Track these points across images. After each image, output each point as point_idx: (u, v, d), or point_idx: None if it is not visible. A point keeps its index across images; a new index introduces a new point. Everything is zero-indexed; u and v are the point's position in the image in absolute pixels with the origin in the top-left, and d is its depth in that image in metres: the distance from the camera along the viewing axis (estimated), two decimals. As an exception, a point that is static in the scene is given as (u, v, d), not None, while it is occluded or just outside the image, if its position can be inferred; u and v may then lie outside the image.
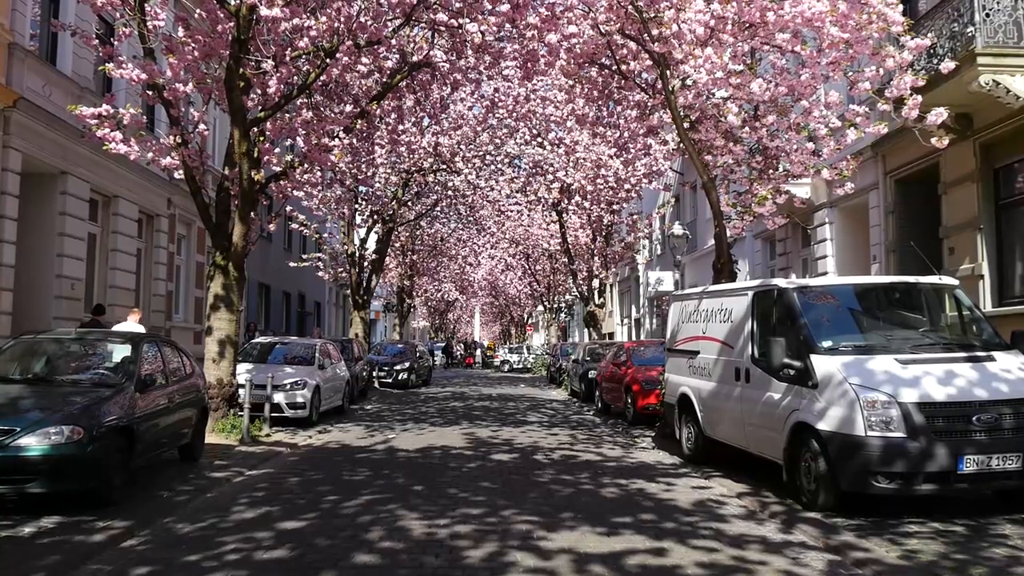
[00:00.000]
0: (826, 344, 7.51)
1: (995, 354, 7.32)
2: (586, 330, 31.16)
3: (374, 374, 25.12)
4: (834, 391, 7.02)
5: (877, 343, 7.63)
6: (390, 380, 26.11)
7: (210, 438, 10.67)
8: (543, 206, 27.62)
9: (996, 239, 11.93)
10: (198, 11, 11.48)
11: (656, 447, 11.89)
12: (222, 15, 10.59)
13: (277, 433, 12.62)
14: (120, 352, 8.64)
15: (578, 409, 19.23)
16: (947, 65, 9.85)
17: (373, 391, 23.67)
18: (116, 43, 11.42)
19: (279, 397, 13.63)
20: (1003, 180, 12.02)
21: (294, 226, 23.09)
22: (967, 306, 8.26)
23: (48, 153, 13.28)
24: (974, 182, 12.10)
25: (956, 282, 8.71)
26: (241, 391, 11.93)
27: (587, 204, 24.29)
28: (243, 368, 13.37)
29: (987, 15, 10.61)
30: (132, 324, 12.85)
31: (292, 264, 26.37)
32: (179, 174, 11.83)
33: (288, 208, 20.53)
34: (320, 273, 26.18)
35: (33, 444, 6.56)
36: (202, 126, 11.58)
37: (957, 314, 8.35)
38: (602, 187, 22.52)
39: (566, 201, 25.00)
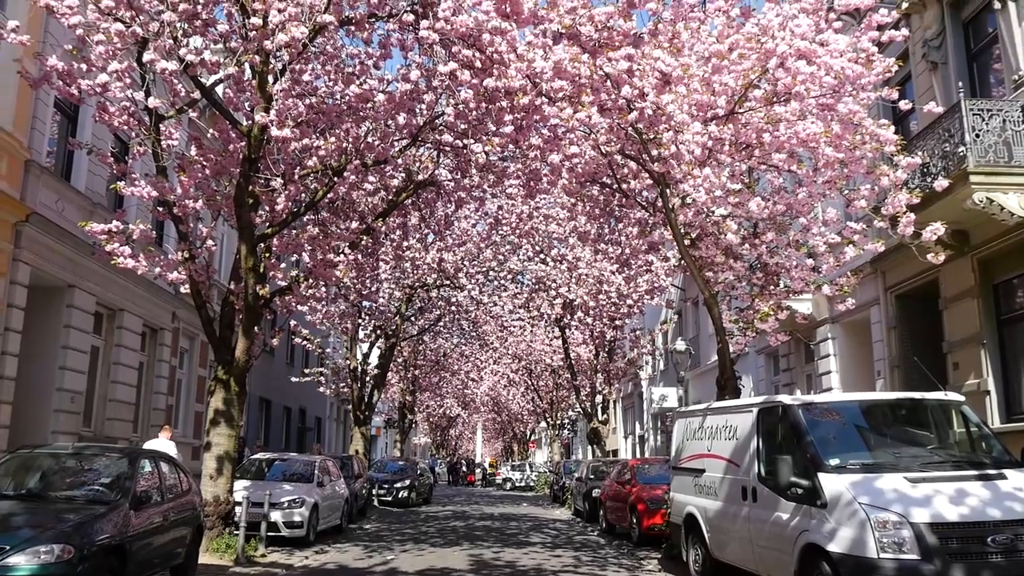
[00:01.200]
0: (833, 462, 7.38)
1: (1006, 472, 7.18)
2: (589, 447, 30.70)
3: (374, 492, 24.62)
4: (844, 511, 6.86)
5: (885, 461, 7.50)
6: (390, 498, 25.56)
7: (204, 558, 10.35)
8: (546, 322, 27.71)
9: (1000, 354, 11.90)
10: (211, 131, 11.85)
11: (662, 569, 11.52)
12: (234, 135, 10.92)
13: (273, 553, 12.26)
14: (117, 468, 8.51)
15: (582, 529, 18.74)
16: (941, 183, 10.07)
17: (373, 509, 23.14)
18: (130, 161, 11.74)
19: (276, 515, 13.31)
20: (1003, 295, 12.09)
21: (297, 341, 23.11)
22: (975, 423, 8.16)
23: (57, 267, 13.45)
24: (974, 298, 12.17)
25: (962, 398, 8.63)
26: (237, 509, 11.66)
27: (589, 320, 24.37)
28: (240, 485, 13.12)
29: (977, 136, 10.92)
30: (163, 442, 12.73)
31: (294, 379, 26.27)
32: (185, 288, 11.94)
33: (291, 323, 20.61)
34: (321, 388, 26.04)
35: (22, 563, 6.39)
36: (210, 241, 11.77)
37: (965, 431, 8.24)
38: (604, 303, 22.65)
39: (568, 317, 25.10)
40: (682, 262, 13.06)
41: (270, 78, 9.93)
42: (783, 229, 11.25)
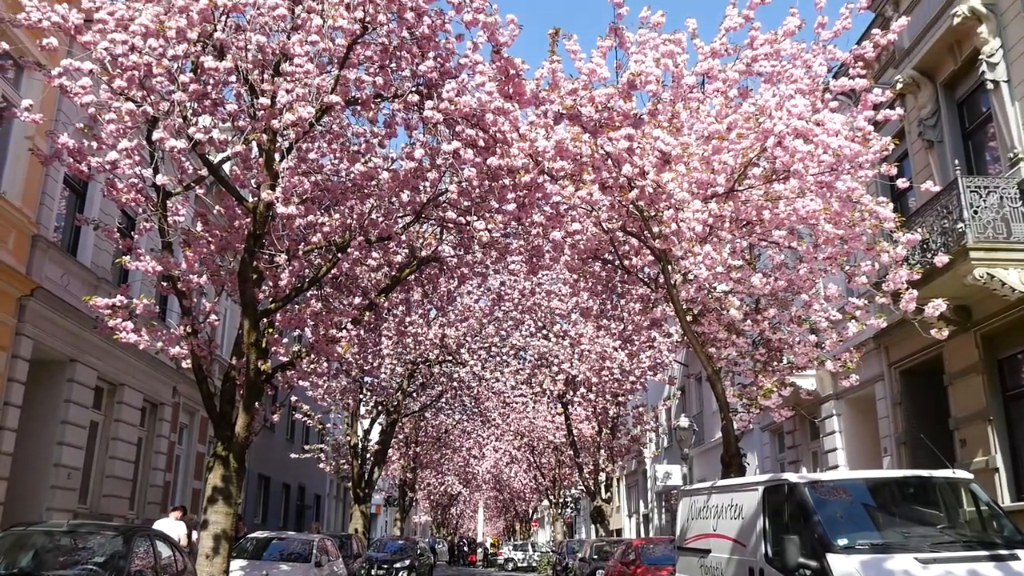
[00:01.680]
0: (842, 542, 7.23)
1: (1019, 552, 7.03)
2: (593, 526, 30.14)
3: (372, 572, 24.08)
4: (854, 592, 6.69)
5: (895, 541, 7.35)
6: (389, 579, 25.01)
7: (197, 641, 10.08)
8: (548, 398, 27.53)
9: (1008, 431, 11.78)
10: (217, 207, 11.99)
11: (669, 654, 11.18)
12: (240, 211, 11.04)
13: (268, 636, 11.95)
14: (111, 547, 8.37)
15: (586, 612, 18.26)
16: (941, 259, 10.14)
17: (371, 590, 22.60)
18: (136, 236, 11.85)
19: (272, 596, 13.02)
20: (1008, 371, 12.03)
21: (298, 416, 22.94)
22: (984, 501, 8.02)
23: (59, 341, 13.46)
24: (979, 373, 12.11)
25: (971, 476, 8.51)
26: (233, 589, 11.41)
27: (592, 396, 24.22)
28: (237, 565, 12.84)
29: (975, 212, 11.04)
30: (171, 522, 12.52)
31: (293, 455, 25.96)
32: (187, 363, 11.90)
33: (292, 398, 20.47)
34: (321, 465, 25.72)
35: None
36: (213, 316, 11.78)
37: (975, 509, 8.10)
38: (607, 379, 22.55)
39: (571, 393, 24.95)
40: (685, 338, 13.04)
41: (277, 156, 10.09)
42: (785, 305, 11.27)
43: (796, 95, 9.46)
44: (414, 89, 9.50)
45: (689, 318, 11.67)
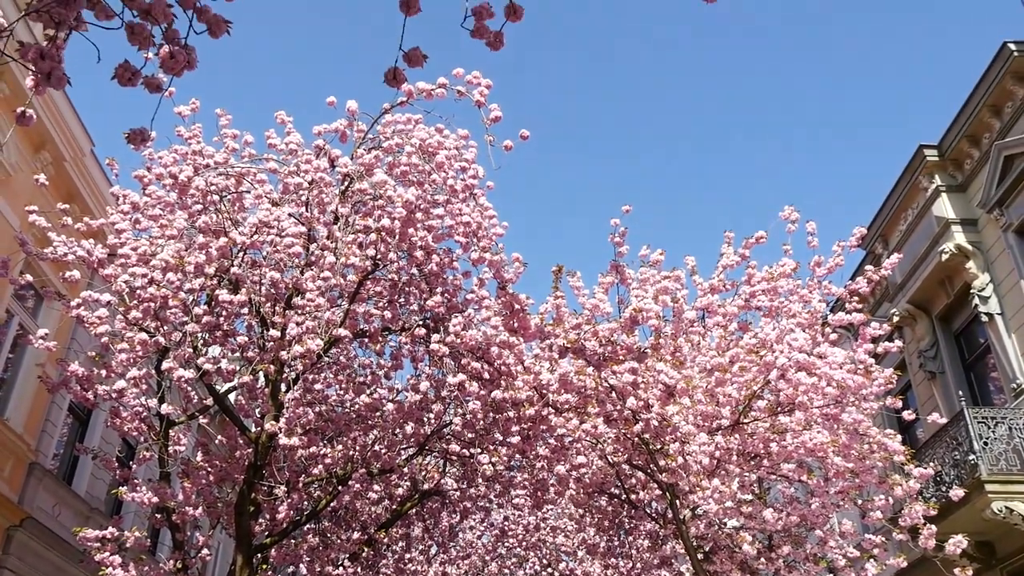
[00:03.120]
0: None
1: None
2: None
3: None
4: None
5: None
6: None
7: None
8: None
9: None
10: (219, 437, 11.91)
11: None
12: (242, 441, 10.95)
13: None
14: None
15: None
16: (956, 492, 9.89)
17: None
18: (135, 466, 11.68)
19: None
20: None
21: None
22: None
23: (42, 574, 12.87)
24: (1010, 617, 11.45)
25: None
26: None
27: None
28: None
29: (985, 443, 10.91)
30: None
31: None
32: (174, 602, 11.32)
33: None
34: None
35: None
36: (205, 551, 11.35)
37: None
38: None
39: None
40: (696, 576, 12.46)
41: (283, 386, 10.16)
42: (799, 542, 10.86)
43: (796, 329, 9.64)
44: (421, 323, 9.73)
45: (700, 556, 11.20)
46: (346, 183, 9.28)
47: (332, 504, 11.26)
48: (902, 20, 44.25)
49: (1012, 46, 12.38)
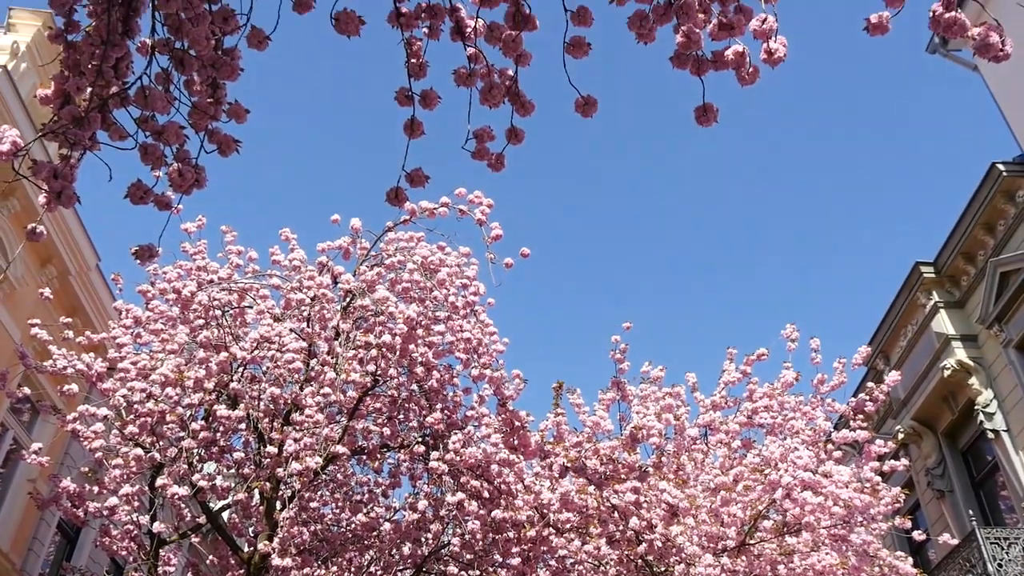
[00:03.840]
0: None
1: None
2: None
3: None
4: None
5: None
6: None
7: None
8: None
9: None
10: (210, 557, 11.57)
11: None
12: (234, 562, 10.63)
13: None
14: None
15: None
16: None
17: None
18: (122, 589, 11.33)
19: None
20: None
21: None
22: None
23: None
24: None
25: None
26: None
27: None
28: None
29: (999, 565, 10.60)
30: None
31: None
32: None
33: None
34: None
35: None
36: None
37: None
38: None
39: None
40: None
41: (278, 504, 9.94)
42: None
43: (800, 447, 9.52)
44: (420, 440, 9.62)
45: None
46: (348, 299, 9.35)
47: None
48: (893, 140, 45.61)
49: (1001, 166, 12.70)
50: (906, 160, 45.33)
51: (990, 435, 12.75)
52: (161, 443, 9.22)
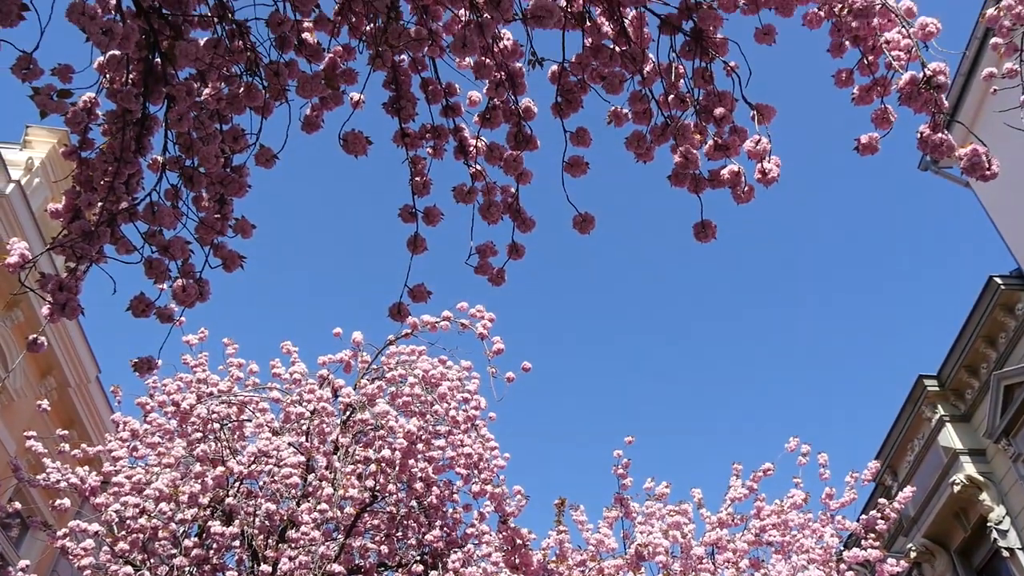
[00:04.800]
0: None
1: None
2: None
3: None
4: None
5: None
6: None
7: None
8: None
9: None
10: None
11: None
12: None
13: None
14: None
15: None
16: None
17: None
18: None
19: None
20: None
21: None
22: None
23: None
24: None
25: None
26: None
27: None
28: None
29: None
30: None
31: None
32: None
33: None
34: None
35: None
36: None
37: None
38: None
39: None
40: None
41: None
42: None
43: (810, 566, 9.26)
44: (419, 559, 9.36)
45: None
46: (348, 413, 9.28)
47: None
48: (891, 253, 46.17)
49: (998, 280, 12.80)
50: (905, 272, 45.77)
51: (1005, 553, 12.38)
52: (152, 560, 8.98)
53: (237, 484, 9.13)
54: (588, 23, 3.37)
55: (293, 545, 8.69)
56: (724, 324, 50.56)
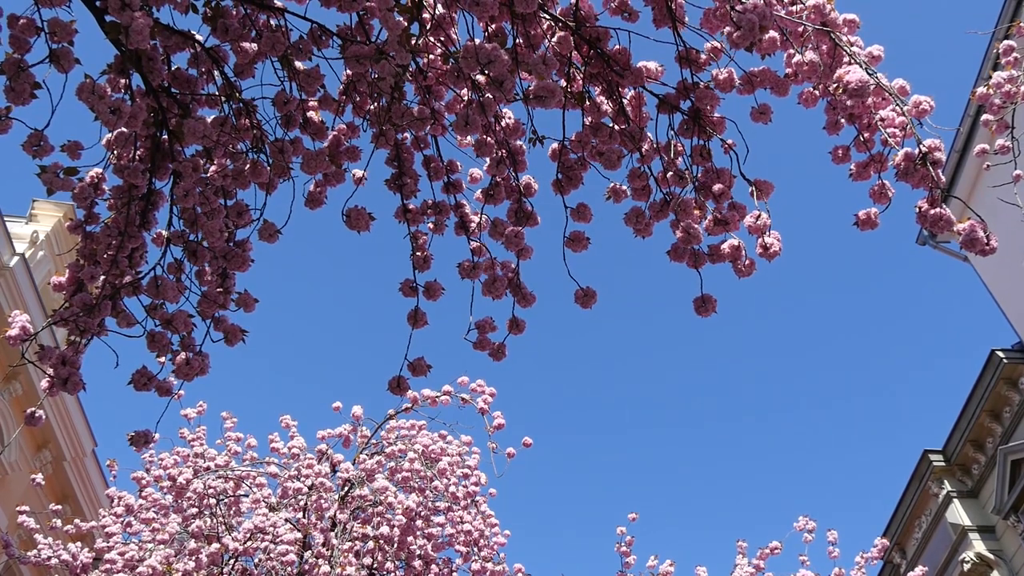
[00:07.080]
0: None
1: None
2: None
3: None
4: None
5: None
6: None
7: None
8: None
9: None
10: None
11: None
12: None
13: None
14: None
15: None
16: None
17: None
18: None
19: None
20: None
21: None
22: None
23: None
24: None
25: None
26: None
27: None
28: None
29: None
30: None
31: None
32: None
33: None
34: None
35: None
36: None
37: None
38: None
39: None
40: None
41: None
42: None
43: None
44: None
45: None
46: (346, 488, 9.15)
47: None
48: (892, 328, 46.14)
49: (1000, 353, 12.76)
50: (907, 347, 45.64)
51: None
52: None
53: (232, 561, 8.95)
54: (588, 102, 3.44)
55: (287, 624, 8.48)
56: (727, 399, 50.22)
